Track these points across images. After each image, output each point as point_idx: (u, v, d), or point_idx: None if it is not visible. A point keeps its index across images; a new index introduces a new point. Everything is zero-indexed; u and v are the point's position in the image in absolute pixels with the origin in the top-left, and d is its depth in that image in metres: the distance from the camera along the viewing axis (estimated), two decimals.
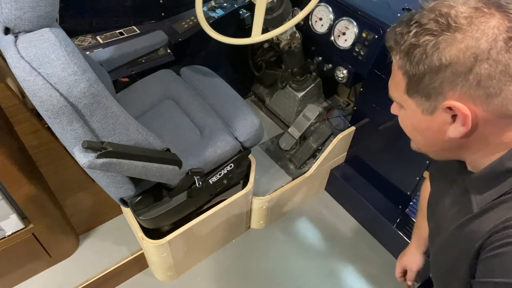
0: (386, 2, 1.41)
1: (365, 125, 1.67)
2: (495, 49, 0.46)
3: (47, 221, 1.34)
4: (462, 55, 0.47)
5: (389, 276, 1.58)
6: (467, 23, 0.48)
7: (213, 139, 1.27)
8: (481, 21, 0.47)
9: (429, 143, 0.59)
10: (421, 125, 0.57)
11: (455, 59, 0.48)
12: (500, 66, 0.47)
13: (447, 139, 0.54)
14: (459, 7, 0.49)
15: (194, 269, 1.58)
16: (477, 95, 0.48)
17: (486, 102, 0.49)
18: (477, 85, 0.48)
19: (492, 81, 0.47)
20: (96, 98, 0.83)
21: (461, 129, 0.51)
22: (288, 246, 1.67)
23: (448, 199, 0.66)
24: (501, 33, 0.47)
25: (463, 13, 0.48)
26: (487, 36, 0.47)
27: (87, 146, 0.84)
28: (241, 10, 1.66)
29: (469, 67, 0.47)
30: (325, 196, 1.87)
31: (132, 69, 1.49)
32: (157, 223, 1.27)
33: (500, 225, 0.51)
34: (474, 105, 0.49)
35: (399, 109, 0.61)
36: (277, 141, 1.81)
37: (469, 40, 0.47)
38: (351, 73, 1.48)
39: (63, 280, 1.44)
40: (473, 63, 0.47)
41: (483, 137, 0.53)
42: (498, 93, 0.48)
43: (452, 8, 0.49)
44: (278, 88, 1.84)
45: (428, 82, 0.51)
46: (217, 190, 1.38)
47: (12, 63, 0.77)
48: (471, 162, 0.59)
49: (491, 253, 0.51)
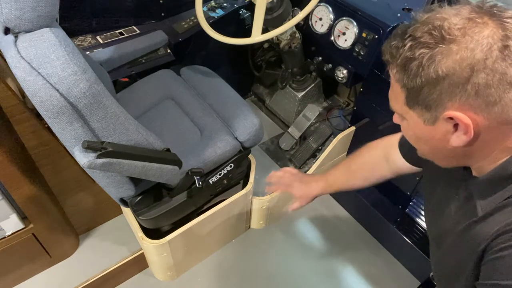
0: (386, 2, 1.41)
1: (365, 125, 1.67)
2: (490, 58, 0.46)
3: (47, 221, 1.34)
4: (458, 67, 0.47)
5: (389, 276, 1.58)
6: (461, 34, 0.48)
7: (213, 139, 1.27)
8: (474, 32, 0.47)
9: (434, 151, 0.60)
10: (424, 135, 0.57)
11: (452, 70, 0.48)
12: (497, 75, 0.47)
13: (450, 148, 0.54)
14: (452, 18, 0.49)
15: (194, 269, 1.58)
16: (477, 104, 0.48)
17: (486, 110, 0.49)
18: (476, 95, 0.48)
19: (491, 90, 0.47)
20: (96, 98, 0.83)
21: (464, 137, 0.51)
22: (288, 246, 1.67)
23: (453, 204, 0.66)
24: (496, 42, 0.47)
25: (456, 25, 0.48)
26: (482, 46, 0.47)
27: (87, 146, 0.84)
28: (241, 10, 1.66)
29: (466, 77, 0.47)
30: (325, 196, 1.87)
31: (132, 69, 1.49)
32: (157, 223, 1.27)
33: (504, 228, 0.51)
34: (474, 114, 0.49)
35: (401, 120, 0.61)
36: (277, 141, 1.81)
37: (464, 51, 0.47)
38: (351, 73, 1.48)
39: (63, 280, 1.44)
40: (470, 73, 0.47)
41: (487, 144, 0.53)
42: (498, 101, 0.48)
43: (445, 20, 0.49)
44: (278, 88, 1.84)
45: (427, 94, 0.51)
46: (217, 190, 1.38)
47: (12, 63, 0.77)
48: (477, 167, 0.59)
49: (495, 256, 0.51)
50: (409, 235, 1.52)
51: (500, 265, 0.50)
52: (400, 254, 1.61)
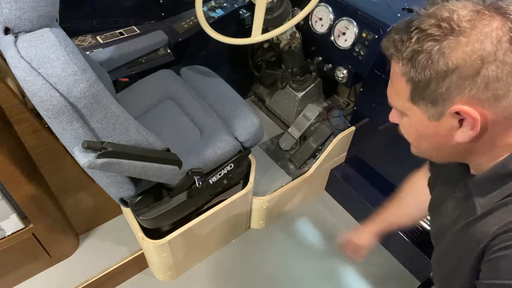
0: (386, 2, 1.41)
1: (365, 125, 1.67)
2: (500, 50, 0.46)
3: (47, 221, 1.34)
4: (468, 58, 0.47)
5: (389, 276, 1.58)
6: (470, 27, 0.47)
7: (213, 139, 1.27)
8: (484, 24, 0.47)
9: (436, 148, 0.59)
10: (427, 132, 0.56)
11: (462, 62, 0.47)
12: (507, 67, 0.47)
13: (454, 144, 0.54)
14: (460, 11, 0.49)
15: (194, 269, 1.58)
16: (485, 97, 0.48)
17: (494, 104, 0.49)
18: (485, 88, 0.48)
19: (500, 83, 0.47)
20: (96, 98, 0.83)
21: (470, 133, 0.51)
22: (288, 246, 1.67)
23: (451, 203, 0.66)
24: (505, 35, 0.47)
25: (465, 17, 0.48)
26: (491, 38, 0.47)
27: (87, 146, 0.84)
28: (241, 10, 1.66)
29: (476, 69, 0.47)
30: (325, 196, 1.87)
31: (132, 69, 1.49)
32: (157, 223, 1.27)
33: (503, 227, 0.51)
34: (482, 108, 0.49)
35: (400, 118, 0.60)
36: (277, 141, 1.81)
37: (474, 43, 0.47)
38: (351, 73, 1.48)
39: (63, 280, 1.44)
40: (480, 65, 0.47)
41: (491, 140, 0.53)
42: (506, 94, 0.48)
43: (454, 12, 0.48)
44: (278, 88, 1.84)
45: (435, 88, 0.50)
46: (217, 190, 1.38)
47: (12, 63, 0.77)
48: (476, 165, 0.59)
49: (495, 255, 0.51)
50: (409, 235, 1.53)
51: (501, 264, 0.50)
52: (400, 254, 1.61)
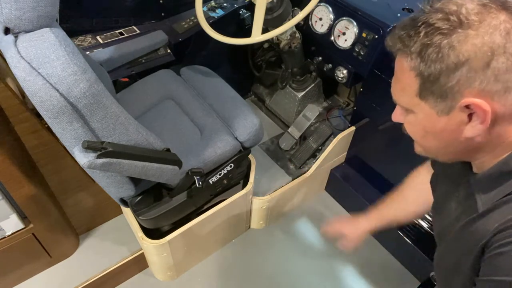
0: (386, 2, 1.41)
1: (365, 125, 1.67)
2: (510, 42, 0.47)
3: (47, 221, 1.34)
4: (478, 51, 0.47)
5: (389, 276, 1.58)
6: (478, 20, 0.48)
7: (213, 139, 1.27)
8: (492, 17, 0.48)
9: (443, 145, 0.58)
10: (436, 128, 0.55)
11: (472, 55, 0.48)
12: None
13: (463, 139, 0.54)
14: (468, 4, 0.49)
15: (194, 269, 1.58)
16: (495, 90, 0.48)
17: (504, 96, 0.49)
18: (495, 80, 0.48)
19: (510, 75, 0.48)
20: (96, 98, 0.83)
21: (480, 127, 0.51)
22: (288, 246, 1.67)
23: (454, 202, 0.66)
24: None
25: (473, 10, 0.48)
26: (500, 31, 0.47)
27: (87, 146, 0.84)
28: (241, 10, 1.66)
29: (486, 62, 0.48)
30: (325, 196, 1.87)
31: (132, 69, 1.49)
32: (157, 223, 1.27)
33: (504, 224, 0.51)
34: (492, 100, 0.49)
35: (405, 115, 0.59)
36: (277, 141, 1.81)
37: (484, 35, 0.47)
38: (351, 73, 1.48)
39: (63, 280, 1.44)
40: (491, 57, 0.47)
41: (498, 135, 0.53)
42: None
43: (461, 6, 0.49)
44: (278, 88, 1.84)
45: (445, 82, 0.50)
46: (217, 190, 1.38)
47: (12, 63, 0.77)
48: (480, 163, 0.59)
49: (495, 252, 0.51)
50: (409, 235, 1.53)
51: (501, 261, 0.50)
52: (400, 254, 1.61)
